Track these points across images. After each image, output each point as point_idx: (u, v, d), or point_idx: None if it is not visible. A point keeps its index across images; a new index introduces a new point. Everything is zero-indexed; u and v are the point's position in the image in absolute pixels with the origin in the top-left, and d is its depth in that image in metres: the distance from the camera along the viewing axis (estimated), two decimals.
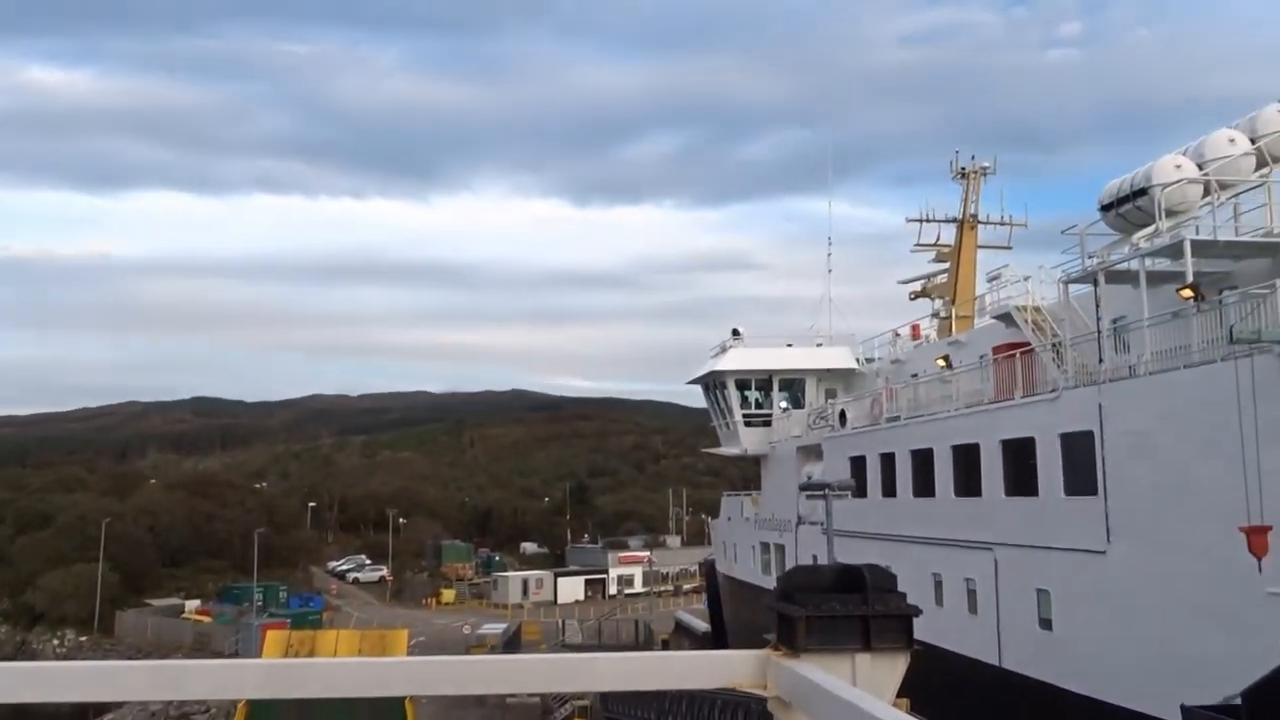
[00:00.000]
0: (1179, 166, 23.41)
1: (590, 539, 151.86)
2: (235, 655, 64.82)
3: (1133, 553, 22.77)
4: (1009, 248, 47.68)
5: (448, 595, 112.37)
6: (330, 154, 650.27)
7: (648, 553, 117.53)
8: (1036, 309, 28.80)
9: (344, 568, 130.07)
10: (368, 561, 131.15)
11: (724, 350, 50.02)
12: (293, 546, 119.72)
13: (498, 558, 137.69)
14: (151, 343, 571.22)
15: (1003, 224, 48.15)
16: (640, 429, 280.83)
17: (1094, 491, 23.87)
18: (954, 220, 47.76)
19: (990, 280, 33.56)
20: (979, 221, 47.53)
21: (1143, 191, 23.74)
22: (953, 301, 45.70)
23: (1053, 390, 26.37)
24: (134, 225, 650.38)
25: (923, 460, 32.95)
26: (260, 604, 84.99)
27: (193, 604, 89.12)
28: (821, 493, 26.45)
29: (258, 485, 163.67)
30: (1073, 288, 26.83)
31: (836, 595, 3.50)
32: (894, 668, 3.38)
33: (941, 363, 35.84)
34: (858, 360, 47.97)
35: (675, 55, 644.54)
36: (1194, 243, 22.41)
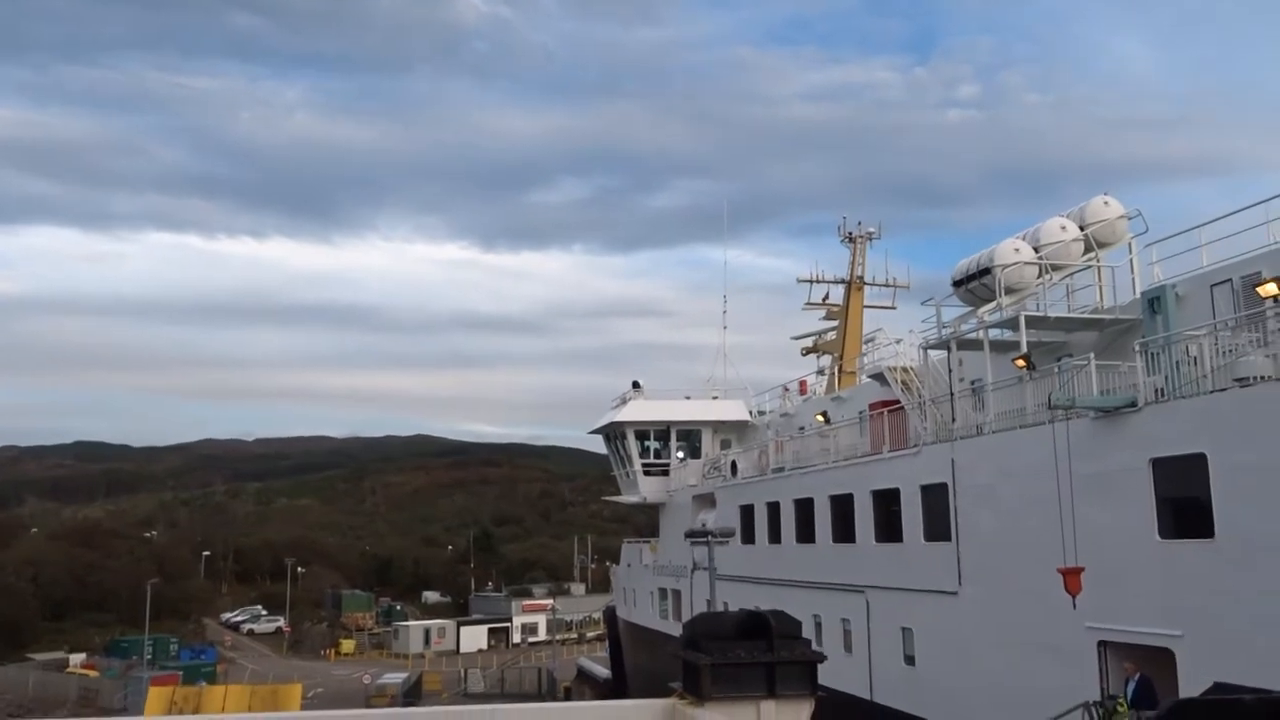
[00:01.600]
0: (1017, 249, 26.68)
1: (494, 587, 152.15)
2: (124, 711, 64.02)
3: (979, 594, 25.39)
4: (893, 307, 52.10)
5: (347, 645, 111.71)
6: (229, 191, 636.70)
7: (552, 600, 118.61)
8: (906, 369, 31.67)
9: (239, 619, 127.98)
10: (264, 612, 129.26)
11: (624, 402, 52.34)
12: (185, 598, 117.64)
13: (399, 607, 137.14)
14: (31, 384, 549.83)
15: (887, 285, 52.29)
16: (548, 475, 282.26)
17: (948, 538, 26.59)
18: (842, 281, 51.58)
19: (866, 342, 36.60)
20: (865, 283, 51.41)
21: (987, 270, 26.84)
22: (840, 358, 49.12)
23: (914, 446, 29.06)
24: (15, 261, 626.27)
25: (805, 509, 35.42)
26: (150, 657, 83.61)
27: (78, 658, 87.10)
28: (704, 539, 28.54)
29: (146, 534, 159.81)
30: (935, 352, 29.93)
31: (742, 642, 3.56)
32: (799, 714, 3.29)
33: (820, 418, 38.38)
34: (751, 413, 50.59)
35: (585, 103, 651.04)
36: (1028, 317, 25.58)
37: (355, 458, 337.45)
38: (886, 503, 30.28)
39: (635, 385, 52.65)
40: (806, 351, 53.02)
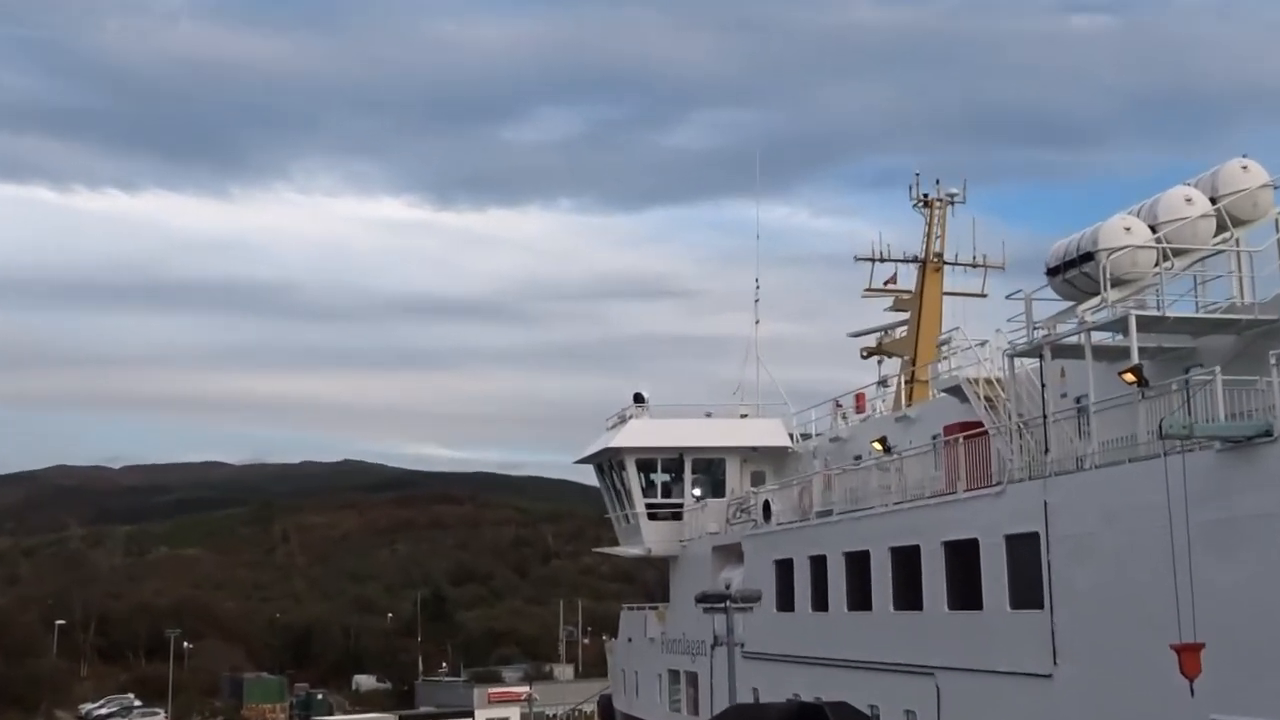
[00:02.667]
0: (1128, 229, 28.03)
1: (451, 669, 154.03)
2: None
3: (1078, 676, 26.56)
4: (983, 295, 53.11)
5: None
6: (89, 128, 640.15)
7: (528, 688, 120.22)
8: (990, 381, 32.71)
9: (103, 711, 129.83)
10: (137, 703, 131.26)
11: (623, 420, 53.31)
12: (30, 680, 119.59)
13: (321, 696, 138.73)
14: None
15: (975, 265, 53.33)
16: (524, 517, 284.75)
17: (1040, 604, 27.74)
18: (915, 260, 52.81)
19: (941, 344, 37.92)
20: (945, 262, 52.54)
21: (1089, 256, 28.17)
22: (913, 363, 50.22)
23: (997, 483, 30.06)
24: None
25: (858, 565, 36.64)
26: None
27: None
28: (722, 604, 29.60)
29: None
30: (1028, 360, 30.99)
31: None
32: None
33: (878, 446, 39.52)
34: (792, 436, 51.67)
35: (575, 5, 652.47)
36: (1140, 318, 26.64)
37: (261, 491, 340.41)
38: (962, 557, 31.36)
39: (638, 399, 53.69)
40: (868, 354, 53.95)
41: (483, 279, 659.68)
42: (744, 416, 53.37)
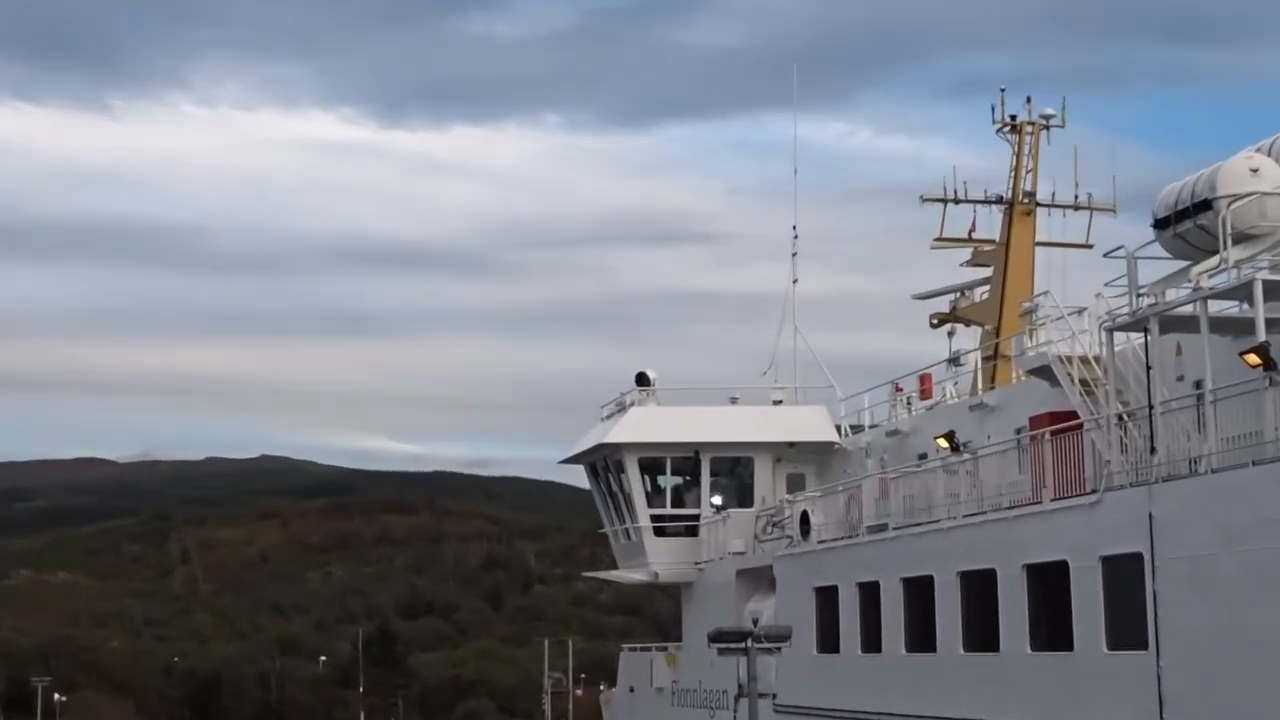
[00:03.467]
0: (1255, 171, 28.75)
1: None
2: None
3: None
4: (1088, 245, 53.41)
5: None
6: None
7: None
8: (1088, 361, 33.27)
9: None
10: None
11: (623, 409, 54.00)
12: None
13: None
14: None
15: (1077, 208, 53.46)
16: (498, 531, 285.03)
17: (1143, 644, 28.40)
18: (998, 201, 53.01)
19: (1022, 315, 38.24)
20: (1038, 204, 52.69)
21: (1206, 205, 29.05)
22: (995, 334, 50.55)
23: (1091, 491, 30.71)
24: None
25: (920, 595, 37.53)
26: None
27: None
28: (741, 645, 30.33)
29: None
30: (1132, 334, 32.05)
31: None
32: None
33: (943, 443, 39.65)
34: (839, 429, 52.31)
35: None
36: (1266, 283, 27.16)
37: (154, 498, 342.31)
38: (1048, 585, 32.10)
39: (643, 380, 54.56)
40: (938, 321, 54.47)
41: (444, 219, 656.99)
42: (778, 403, 54.02)
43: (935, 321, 54.81)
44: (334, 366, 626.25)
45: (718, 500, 53.11)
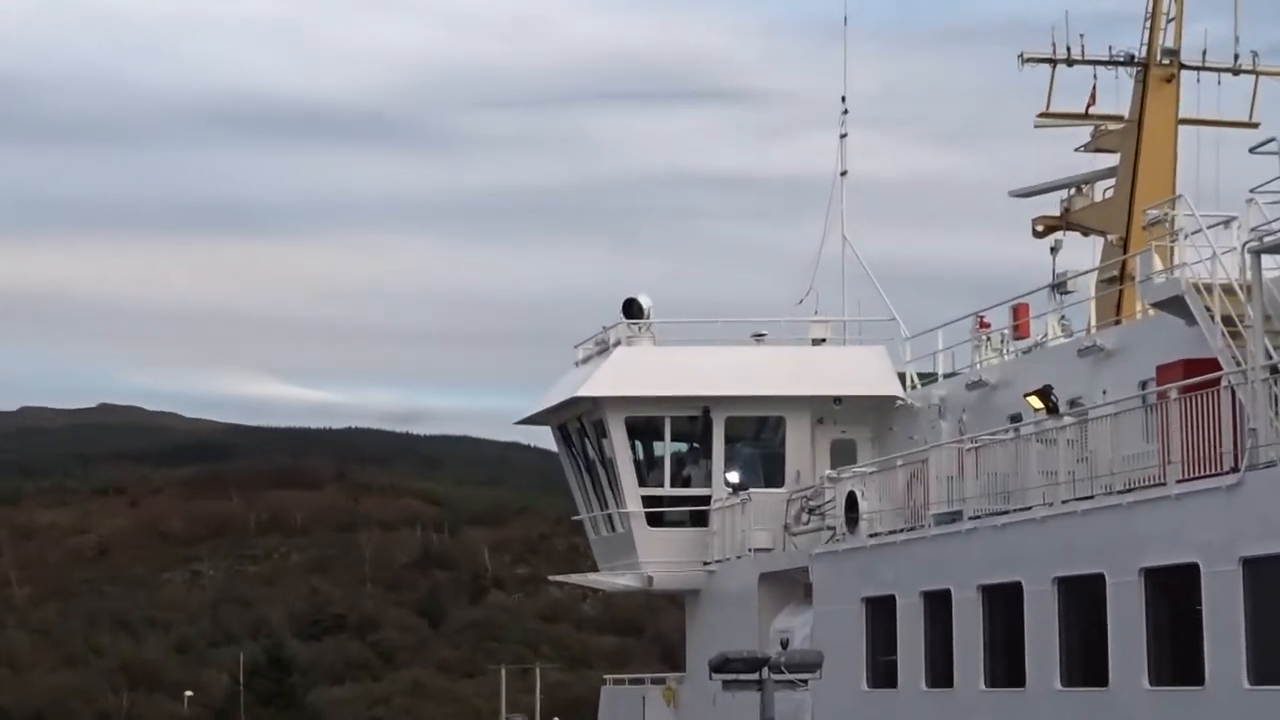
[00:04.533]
0: None
1: None
2: None
3: None
4: (1253, 124, 48.45)
5: None
6: None
7: None
8: (1233, 291, 30.77)
9: None
10: None
11: (604, 350, 50.12)
12: None
13: None
14: None
15: (1236, 72, 49.24)
16: (438, 513, 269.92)
17: None
18: (1129, 62, 48.20)
19: (1146, 227, 35.13)
20: (1184, 66, 48.24)
21: None
22: (1122, 249, 45.81)
23: (1230, 469, 27.69)
24: None
25: (1004, 608, 34.88)
26: None
27: None
28: (754, 676, 27.41)
29: None
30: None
31: None
32: None
33: (1035, 402, 38.08)
34: (903, 378, 48.61)
35: None
36: None
37: None
38: (1173, 596, 30.29)
39: (633, 309, 50.03)
40: (1044, 229, 49.57)
41: (362, 67, 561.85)
42: (819, 341, 49.74)
43: (1040, 229, 50.07)
44: (203, 277, 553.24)
45: (735, 477, 47.87)
